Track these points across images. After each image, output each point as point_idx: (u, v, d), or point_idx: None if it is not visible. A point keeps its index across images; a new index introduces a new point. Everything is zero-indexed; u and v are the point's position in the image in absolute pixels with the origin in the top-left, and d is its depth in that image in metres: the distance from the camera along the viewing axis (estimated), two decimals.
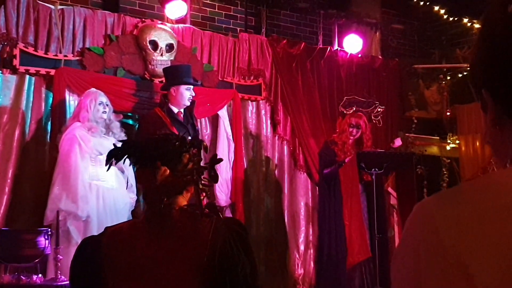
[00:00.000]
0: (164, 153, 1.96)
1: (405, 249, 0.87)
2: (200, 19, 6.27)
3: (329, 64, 6.70)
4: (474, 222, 0.81)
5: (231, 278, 1.88)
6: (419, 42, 8.05)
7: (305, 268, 6.27)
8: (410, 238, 0.86)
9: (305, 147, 6.38)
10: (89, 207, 4.44)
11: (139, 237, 1.94)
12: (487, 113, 0.95)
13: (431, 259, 0.81)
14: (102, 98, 4.71)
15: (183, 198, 1.99)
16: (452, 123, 7.47)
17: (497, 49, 0.90)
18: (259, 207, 6.18)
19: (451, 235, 0.80)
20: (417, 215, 0.87)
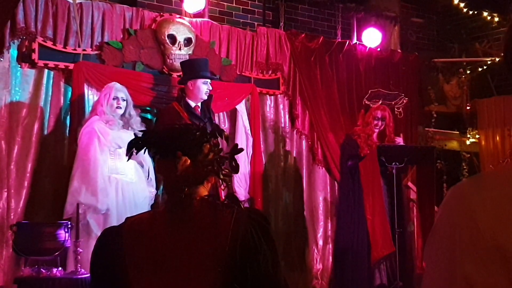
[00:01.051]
0: (185, 143, 1.95)
1: (441, 232, 0.85)
2: (217, 14, 6.26)
3: (347, 58, 6.65)
4: (509, 205, 0.79)
5: (253, 268, 1.86)
6: (438, 36, 7.98)
7: (324, 263, 6.24)
8: (446, 221, 0.85)
9: (323, 142, 6.34)
10: (108, 200, 4.45)
11: (160, 227, 1.92)
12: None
13: (467, 242, 0.79)
14: (118, 92, 4.70)
15: (204, 188, 1.98)
16: (472, 118, 7.41)
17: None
18: (277, 201, 6.15)
19: (487, 218, 0.79)
20: (452, 198, 0.85)
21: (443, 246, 0.83)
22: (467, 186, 0.85)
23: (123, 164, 4.56)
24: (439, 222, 0.86)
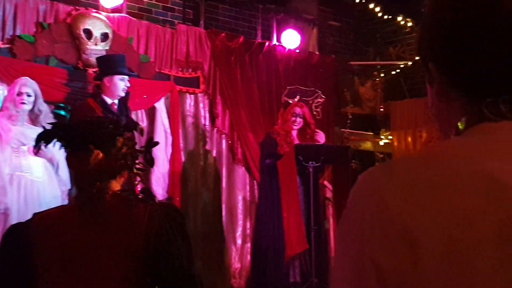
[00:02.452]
0: (97, 136, 1.90)
1: (351, 217, 0.86)
2: (136, 10, 6.14)
3: (267, 59, 6.71)
4: (421, 191, 0.80)
5: (167, 264, 1.84)
6: (354, 40, 8.20)
7: (242, 262, 6.26)
8: (356, 205, 0.85)
9: (243, 141, 6.37)
10: (7, 199, 4.26)
11: (70, 223, 1.86)
12: (433, 86, 0.96)
13: (376, 227, 0.80)
14: (23, 87, 4.48)
15: (117, 183, 1.93)
16: (385, 119, 7.65)
17: (444, 22, 0.91)
18: (196, 201, 6.12)
19: (397, 203, 0.80)
20: (363, 183, 0.86)
21: (352, 230, 0.84)
22: (378, 171, 0.86)
23: (29, 161, 4.38)
24: (350, 206, 0.87)
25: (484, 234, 0.77)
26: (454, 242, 0.77)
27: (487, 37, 0.87)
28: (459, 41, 0.89)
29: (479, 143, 0.86)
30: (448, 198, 0.79)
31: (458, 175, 0.81)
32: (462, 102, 0.91)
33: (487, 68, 0.88)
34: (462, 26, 0.89)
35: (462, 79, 0.91)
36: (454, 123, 0.94)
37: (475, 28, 0.88)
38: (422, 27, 0.98)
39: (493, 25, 0.87)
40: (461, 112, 0.92)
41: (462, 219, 0.78)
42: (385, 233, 0.79)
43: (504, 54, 0.87)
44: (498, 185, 0.80)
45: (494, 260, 0.76)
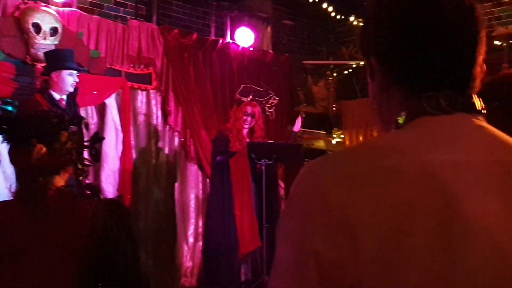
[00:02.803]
0: (41, 130, 1.85)
1: (293, 208, 0.87)
2: (88, 5, 6.01)
3: (221, 56, 6.69)
4: (360, 183, 0.82)
5: (111, 261, 1.81)
6: (308, 39, 8.26)
7: (194, 260, 6.23)
8: (297, 198, 0.86)
9: (196, 139, 6.33)
10: None
11: (11, 219, 1.81)
12: (374, 80, 0.98)
13: (317, 218, 0.81)
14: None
15: (60, 178, 1.89)
16: (337, 118, 7.73)
17: (384, 18, 0.94)
18: (148, 199, 6.05)
19: (337, 195, 0.81)
20: (305, 175, 0.87)
21: (294, 223, 0.84)
22: (320, 163, 0.87)
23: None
24: (291, 199, 0.88)
25: (422, 224, 0.78)
26: (392, 233, 0.78)
27: (428, 32, 0.89)
28: (400, 36, 0.91)
29: (418, 136, 0.88)
30: (386, 190, 0.81)
31: (396, 167, 0.83)
32: (403, 96, 0.93)
33: (427, 63, 0.90)
34: (403, 21, 0.91)
35: (402, 74, 0.92)
36: (394, 116, 0.95)
37: (416, 23, 0.90)
38: (364, 22, 1.00)
39: (433, 21, 0.90)
40: (401, 106, 0.93)
41: (400, 210, 0.79)
42: (326, 225, 0.80)
43: (443, 49, 0.90)
44: (433, 177, 0.82)
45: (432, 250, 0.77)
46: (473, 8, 0.92)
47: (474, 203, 0.81)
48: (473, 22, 0.92)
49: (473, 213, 0.80)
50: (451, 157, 0.84)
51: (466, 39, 0.91)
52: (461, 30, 0.91)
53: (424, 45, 0.89)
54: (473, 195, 0.81)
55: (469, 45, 0.91)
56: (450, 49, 0.90)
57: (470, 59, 0.92)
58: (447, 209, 0.79)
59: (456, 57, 0.91)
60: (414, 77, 0.91)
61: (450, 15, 0.90)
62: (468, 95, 0.92)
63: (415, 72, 0.91)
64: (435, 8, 0.90)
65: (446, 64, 0.90)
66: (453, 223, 0.79)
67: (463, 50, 0.91)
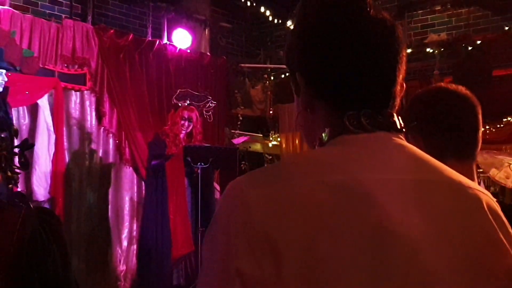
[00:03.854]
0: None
1: (217, 225, 0.86)
2: (21, 3, 5.84)
3: (158, 58, 6.63)
4: (283, 201, 0.82)
5: (40, 271, 1.76)
6: (246, 42, 8.30)
7: (128, 264, 6.15)
8: (222, 216, 0.86)
9: (131, 141, 6.25)
10: None
11: None
12: (299, 96, 0.99)
13: (241, 236, 0.81)
14: None
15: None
16: (274, 122, 7.80)
17: (310, 35, 0.95)
18: (81, 202, 5.93)
19: (261, 213, 0.81)
20: (229, 194, 0.87)
21: (218, 239, 0.84)
22: (244, 181, 0.87)
23: None
24: (217, 215, 0.87)
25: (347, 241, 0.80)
26: (316, 250, 0.79)
27: (351, 52, 0.91)
28: (323, 54, 0.93)
29: (340, 154, 0.90)
30: (309, 207, 0.82)
31: (320, 184, 0.84)
32: (326, 113, 0.95)
33: (350, 82, 0.92)
34: (326, 39, 0.93)
35: (325, 91, 0.94)
36: (318, 133, 0.96)
37: (339, 43, 0.92)
38: (290, 37, 1.01)
39: (356, 41, 0.92)
40: (324, 123, 0.95)
41: (324, 226, 0.81)
42: (249, 243, 0.80)
43: (365, 69, 0.92)
44: (356, 194, 0.84)
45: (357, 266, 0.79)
46: (394, 28, 0.94)
47: (397, 217, 0.83)
48: (394, 42, 0.94)
49: (398, 227, 0.82)
50: (372, 174, 0.86)
51: (387, 59, 0.93)
52: (383, 50, 0.93)
53: (346, 64, 0.91)
54: (395, 210, 0.83)
55: (390, 65, 0.94)
56: (372, 68, 0.92)
57: (391, 78, 0.94)
58: (372, 224, 0.82)
59: (377, 77, 0.92)
60: (337, 95, 0.93)
61: (373, 35, 0.92)
62: (388, 113, 0.94)
63: (338, 90, 0.93)
64: (359, 28, 0.92)
65: (367, 83, 0.92)
66: (379, 237, 0.81)
67: (384, 70, 0.93)
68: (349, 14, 0.93)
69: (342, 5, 0.93)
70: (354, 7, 0.93)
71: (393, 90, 0.95)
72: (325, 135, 0.95)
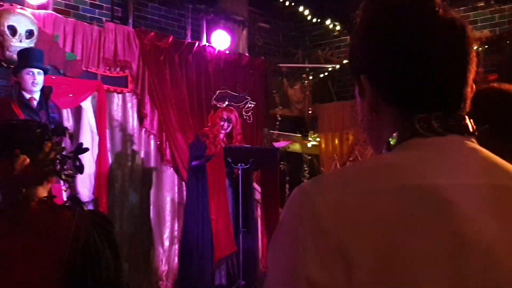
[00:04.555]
0: (24, 141, 1.83)
1: (284, 232, 0.85)
2: (63, 7, 5.96)
3: (197, 59, 6.68)
4: (355, 206, 0.81)
5: (94, 274, 1.80)
6: (283, 42, 8.28)
7: (170, 264, 6.21)
8: (289, 221, 0.85)
9: (172, 142, 6.31)
10: None
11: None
12: (364, 98, 0.96)
13: (310, 243, 0.79)
14: None
15: (43, 189, 1.87)
16: (313, 121, 7.77)
17: (377, 37, 0.92)
18: (123, 202, 6.01)
19: (331, 219, 0.80)
20: (296, 200, 0.85)
21: (286, 246, 0.83)
22: (311, 187, 0.85)
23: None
24: (283, 222, 0.86)
25: (423, 248, 0.78)
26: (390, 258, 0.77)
27: (420, 53, 0.89)
28: (392, 56, 0.90)
29: (413, 158, 0.87)
30: (382, 213, 0.80)
31: (393, 190, 0.82)
32: (394, 116, 0.92)
33: (420, 84, 0.89)
34: (394, 41, 0.90)
35: (395, 94, 0.91)
36: (385, 137, 0.93)
37: (408, 43, 0.89)
38: (354, 38, 0.98)
39: (427, 42, 0.89)
40: (392, 126, 0.92)
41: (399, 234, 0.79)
42: (319, 249, 0.79)
43: (436, 70, 0.89)
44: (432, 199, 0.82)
45: (435, 274, 0.77)
46: (464, 28, 0.92)
47: (475, 224, 0.81)
48: (465, 42, 0.91)
49: (476, 234, 0.80)
50: (448, 179, 0.84)
51: (458, 60, 0.91)
52: (454, 51, 0.90)
53: (416, 65, 0.89)
54: (473, 216, 0.81)
55: (461, 66, 0.91)
56: (443, 70, 0.89)
57: (462, 80, 0.91)
58: (451, 231, 0.79)
59: (448, 78, 0.90)
60: (406, 97, 0.90)
61: (443, 36, 0.89)
62: (460, 116, 0.91)
63: (407, 93, 0.90)
64: (429, 28, 0.89)
65: (438, 85, 0.89)
66: (458, 245, 0.79)
67: (455, 71, 0.90)
68: (418, 15, 0.90)
69: (411, 6, 0.91)
70: (423, 7, 0.91)
71: (464, 92, 0.92)
72: (393, 139, 0.92)
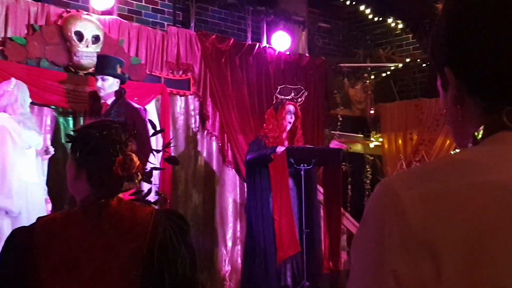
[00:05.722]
0: (107, 141, 1.88)
1: (369, 227, 0.84)
2: (126, 12, 6.12)
3: (257, 61, 6.71)
4: (442, 200, 0.79)
5: (170, 271, 1.83)
6: (344, 42, 8.22)
7: (232, 264, 6.25)
8: (374, 216, 0.83)
9: (233, 143, 6.36)
10: (21, 203, 4.23)
11: (74, 228, 1.84)
12: (448, 91, 0.93)
13: (396, 238, 0.78)
14: (27, 91, 4.52)
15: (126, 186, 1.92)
16: (375, 121, 7.68)
17: (462, 27, 0.89)
18: (187, 203, 6.11)
19: (417, 214, 0.79)
20: (382, 193, 0.84)
21: (371, 241, 0.82)
22: (396, 181, 0.84)
23: (31, 165, 4.36)
24: (367, 217, 0.85)
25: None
26: (479, 253, 0.76)
27: (509, 43, 0.85)
28: (478, 46, 0.87)
29: (503, 152, 0.85)
30: (472, 208, 0.78)
31: (482, 185, 0.80)
32: (480, 109, 0.89)
33: (508, 75, 0.86)
34: (482, 30, 0.87)
35: (481, 86, 0.88)
36: (470, 131, 0.91)
37: (497, 33, 0.86)
38: (437, 28, 0.95)
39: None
40: (478, 120, 0.90)
41: (489, 229, 0.77)
42: (406, 244, 0.78)
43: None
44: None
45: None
46: None
47: None
48: None
49: None
50: None
51: None
52: None
53: (506, 56, 0.85)
54: None
55: None
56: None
57: None
58: None
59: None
60: (494, 89, 0.87)
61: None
62: None
63: (495, 85, 0.86)
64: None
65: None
66: None
67: None
68: (508, 2, 0.86)
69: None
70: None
71: None
72: (480, 132, 0.90)
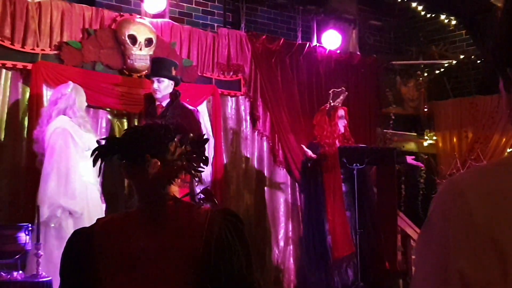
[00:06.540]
0: (151, 144, 1.91)
1: (434, 226, 0.84)
2: (177, 15, 6.21)
3: (308, 60, 6.69)
4: (507, 198, 0.79)
5: (226, 270, 1.85)
6: (395, 39, 8.11)
7: (285, 264, 6.25)
8: (439, 215, 0.84)
9: (284, 143, 6.36)
10: (83, 204, 4.36)
11: (132, 229, 1.89)
12: (510, 93, 0.93)
13: (462, 237, 0.79)
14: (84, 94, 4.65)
15: (175, 185, 1.95)
16: (429, 119, 7.54)
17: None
18: (238, 203, 6.14)
19: (483, 212, 0.78)
20: (447, 193, 0.84)
21: (436, 240, 0.83)
22: (462, 180, 0.84)
23: (89, 166, 4.49)
24: (432, 216, 0.85)
25: None
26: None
27: None
28: None
29: None
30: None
31: None
32: None
33: None
34: None
35: None
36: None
37: None
38: (500, 27, 0.94)
39: None
40: None
41: None
42: (471, 244, 0.78)
43: None
44: None
45: None
46: None
47: None
48: None
49: None
50: None
51: None
52: None
53: None
54: None
55: None
56: None
57: None
58: None
59: None
60: None
61: None
62: None
63: None
64: None
65: None
66: None
67: None
68: None
69: None
70: None
71: None
72: None
